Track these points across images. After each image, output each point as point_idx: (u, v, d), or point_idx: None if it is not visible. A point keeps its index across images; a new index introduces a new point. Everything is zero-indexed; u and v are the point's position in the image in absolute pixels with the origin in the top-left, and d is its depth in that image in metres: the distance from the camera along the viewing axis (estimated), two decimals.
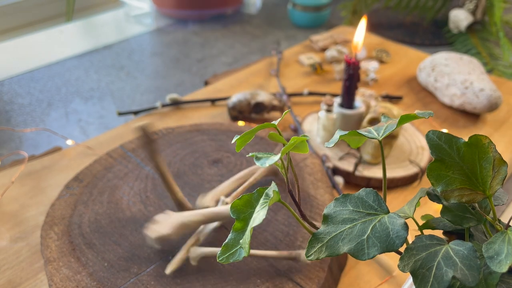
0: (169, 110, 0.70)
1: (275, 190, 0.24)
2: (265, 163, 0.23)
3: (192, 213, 0.41)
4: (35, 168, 0.57)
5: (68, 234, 0.43)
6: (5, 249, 0.46)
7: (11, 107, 0.76)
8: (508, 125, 0.69)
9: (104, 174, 0.51)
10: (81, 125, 0.72)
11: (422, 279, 0.21)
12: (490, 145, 0.23)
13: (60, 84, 0.84)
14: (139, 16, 1.17)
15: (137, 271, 0.40)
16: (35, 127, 0.71)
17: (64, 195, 0.48)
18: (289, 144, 0.24)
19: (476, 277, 0.20)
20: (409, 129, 0.64)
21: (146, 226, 0.41)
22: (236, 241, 0.24)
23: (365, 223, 0.23)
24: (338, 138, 0.27)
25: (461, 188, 0.23)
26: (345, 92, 0.59)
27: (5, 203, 0.52)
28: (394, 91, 0.77)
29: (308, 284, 0.39)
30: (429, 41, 1.05)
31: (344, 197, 0.25)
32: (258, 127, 0.26)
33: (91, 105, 0.78)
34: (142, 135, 0.39)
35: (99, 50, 0.98)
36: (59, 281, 0.38)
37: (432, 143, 0.24)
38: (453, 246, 0.22)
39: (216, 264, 0.41)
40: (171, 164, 0.53)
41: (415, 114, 0.26)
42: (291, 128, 0.65)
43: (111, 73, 0.89)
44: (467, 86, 0.69)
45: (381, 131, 0.27)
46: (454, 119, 0.70)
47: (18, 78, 0.86)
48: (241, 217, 0.25)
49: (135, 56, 0.97)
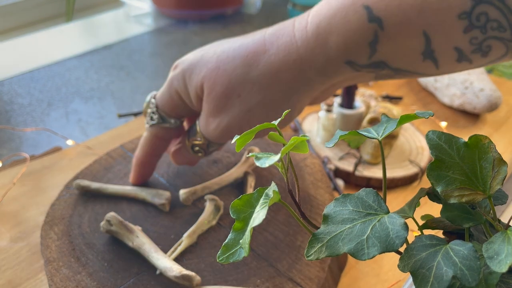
0: None
1: (275, 190, 0.24)
2: (265, 163, 0.23)
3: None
4: (35, 168, 0.57)
5: (68, 234, 0.43)
6: (5, 249, 0.46)
7: (11, 107, 0.76)
8: (508, 125, 0.69)
9: (104, 174, 0.51)
10: (81, 125, 0.72)
11: (422, 279, 0.21)
12: (490, 145, 0.23)
13: (60, 84, 0.84)
14: (139, 16, 1.17)
15: (137, 271, 0.40)
16: (35, 127, 0.71)
17: (64, 195, 0.48)
18: (289, 144, 0.24)
19: (476, 277, 0.20)
20: (409, 129, 0.64)
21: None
22: (236, 241, 0.24)
23: (365, 223, 0.23)
24: (338, 138, 0.27)
25: (461, 188, 0.23)
26: (345, 92, 0.59)
27: (5, 203, 0.52)
28: (394, 91, 0.77)
29: (308, 284, 0.39)
30: None
31: (344, 197, 0.25)
32: (258, 127, 0.26)
33: (91, 105, 0.78)
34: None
35: (99, 50, 0.98)
36: (59, 281, 0.38)
37: (432, 143, 0.24)
38: (453, 246, 0.22)
39: (216, 264, 0.41)
40: (171, 164, 0.53)
41: (415, 114, 0.26)
42: (291, 128, 0.65)
43: (111, 73, 0.89)
44: (467, 86, 0.69)
45: (381, 131, 0.27)
46: (454, 119, 0.70)
47: (18, 78, 0.86)
48: (241, 217, 0.25)
49: (135, 56, 0.97)
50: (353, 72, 0.34)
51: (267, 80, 0.36)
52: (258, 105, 0.37)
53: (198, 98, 0.40)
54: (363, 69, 0.34)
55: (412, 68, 0.33)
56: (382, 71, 0.34)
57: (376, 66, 0.33)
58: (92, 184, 0.48)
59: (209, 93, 0.38)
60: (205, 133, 0.41)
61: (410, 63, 0.32)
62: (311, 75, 0.35)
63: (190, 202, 0.47)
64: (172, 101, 0.42)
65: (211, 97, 0.38)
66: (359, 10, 0.31)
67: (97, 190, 0.48)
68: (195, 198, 0.47)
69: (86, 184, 0.48)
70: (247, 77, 0.36)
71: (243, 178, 0.50)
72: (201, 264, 0.41)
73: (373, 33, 0.31)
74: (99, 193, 0.48)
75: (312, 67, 0.35)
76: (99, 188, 0.48)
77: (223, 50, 0.38)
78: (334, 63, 0.34)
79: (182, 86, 0.40)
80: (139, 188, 0.47)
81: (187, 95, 0.40)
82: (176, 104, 0.42)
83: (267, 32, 0.37)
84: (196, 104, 0.41)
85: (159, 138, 0.44)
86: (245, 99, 0.37)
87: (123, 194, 0.47)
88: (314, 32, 0.34)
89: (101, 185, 0.48)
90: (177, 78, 0.40)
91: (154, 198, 0.46)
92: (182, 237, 0.43)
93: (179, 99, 0.41)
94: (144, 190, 0.47)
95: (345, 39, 0.32)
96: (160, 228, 0.44)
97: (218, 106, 0.38)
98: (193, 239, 0.43)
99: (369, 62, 0.33)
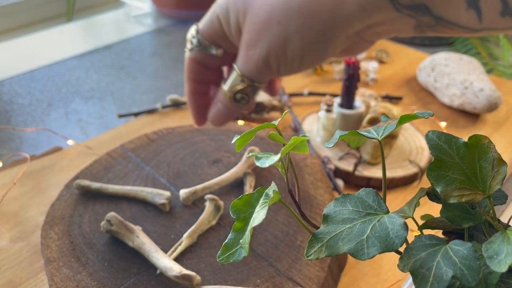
0: (169, 111, 0.70)
1: (275, 190, 0.24)
2: (265, 163, 0.23)
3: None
4: (35, 168, 0.57)
5: (68, 234, 0.43)
6: (5, 249, 0.46)
7: (11, 107, 0.76)
8: (507, 125, 0.69)
9: (104, 174, 0.51)
10: (81, 125, 0.72)
11: (422, 279, 0.21)
12: (490, 145, 0.23)
13: (60, 84, 0.84)
14: (139, 16, 1.17)
15: (137, 271, 0.40)
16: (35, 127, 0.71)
17: (64, 195, 0.48)
18: (289, 144, 0.24)
19: (475, 277, 0.20)
20: (409, 129, 0.64)
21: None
22: (236, 241, 0.24)
23: (365, 223, 0.23)
24: (338, 138, 0.27)
25: (460, 188, 0.24)
26: (345, 92, 0.59)
27: (5, 203, 0.52)
28: (394, 91, 0.77)
29: (308, 284, 0.39)
30: (429, 41, 1.05)
31: (344, 197, 0.25)
32: (258, 127, 0.26)
33: (91, 105, 0.78)
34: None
35: (99, 50, 0.98)
36: (59, 281, 0.38)
37: (432, 143, 0.24)
38: (452, 246, 0.22)
39: (216, 264, 0.41)
40: (171, 164, 0.53)
41: (414, 114, 0.26)
42: (291, 128, 0.65)
43: (111, 73, 0.89)
44: (467, 86, 0.69)
45: (380, 131, 0.27)
46: (454, 119, 0.70)
47: (18, 78, 0.86)
48: (241, 217, 0.25)
49: (135, 56, 0.97)
50: (393, 12, 0.34)
51: (307, 7, 0.36)
52: (296, 33, 0.37)
53: (238, 27, 0.40)
54: (404, 10, 0.33)
55: (453, 18, 0.32)
56: (422, 17, 0.33)
57: (418, 10, 0.33)
58: (92, 184, 0.48)
59: (251, 21, 0.38)
60: (245, 70, 0.40)
61: (453, 11, 0.32)
62: (351, 8, 0.35)
63: (190, 202, 0.47)
64: (212, 26, 0.41)
65: (252, 25, 0.38)
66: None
67: (97, 190, 0.48)
68: (195, 198, 0.47)
69: (87, 184, 0.48)
70: (288, 4, 0.36)
71: (243, 178, 0.50)
72: (201, 264, 0.41)
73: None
74: (99, 193, 0.48)
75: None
76: (99, 188, 0.48)
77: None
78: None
79: (224, 12, 0.40)
80: (139, 188, 0.47)
81: (228, 22, 0.40)
82: (215, 30, 0.42)
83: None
84: (234, 33, 0.40)
85: (197, 62, 0.43)
86: (284, 26, 0.37)
87: (123, 194, 0.47)
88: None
89: (101, 185, 0.48)
90: (220, 5, 0.40)
91: (154, 198, 0.46)
92: (182, 237, 0.43)
93: (219, 25, 0.41)
94: (144, 190, 0.47)
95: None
96: (160, 228, 0.44)
97: (259, 34, 0.38)
98: (193, 239, 0.43)
99: (411, 3, 0.33)
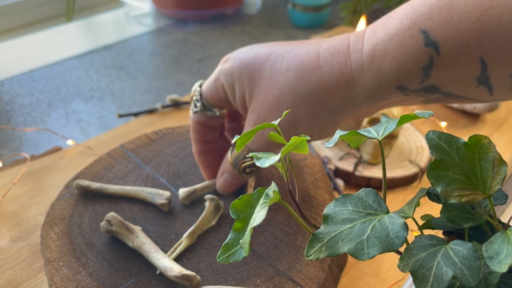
0: (169, 111, 0.70)
1: (275, 190, 0.24)
2: (265, 163, 0.23)
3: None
4: (35, 168, 0.57)
5: (68, 234, 0.43)
6: (5, 249, 0.46)
7: (11, 107, 0.76)
8: (508, 125, 0.69)
9: (104, 174, 0.51)
10: (81, 125, 0.72)
11: (422, 279, 0.21)
12: (490, 145, 0.23)
13: (60, 84, 0.84)
14: (139, 16, 1.17)
15: (137, 271, 0.40)
16: (35, 127, 0.71)
17: (64, 195, 0.48)
18: (289, 144, 0.24)
19: (476, 277, 0.20)
20: (409, 129, 0.64)
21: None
22: (236, 241, 0.24)
23: (365, 223, 0.23)
24: (338, 138, 0.27)
25: (461, 188, 0.24)
26: None
27: (5, 203, 0.52)
28: None
29: (308, 284, 0.39)
30: None
31: (344, 197, 0.25)
32: (258, 127, 0.26)
33: (91, 105, 0.78)
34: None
35: (99, 50, 0.98)
36: (59, 281, 0.38)
37: (432, 143, 0.24)
38: (453, 246, 0.22)
39: (216, 264, 0.41)
40: (171, 164, 0.53)
41: (414, 114, 0.26)
42: None
43: (111, 73, 0.89)
44: None
45: (381, 131, 0.27)
46: (454, 119, 0.70)
47: (18, 78, 0.86)
48: (241, 217, 0.25)
49: (135, 56, 0.97)
50: (402, 96, 0.34)
51: (316, 97, 0.36)
52: (305, 119, 0.37)
53: (243, 100, 0.40)
54: (413, 93, 0.34)
55: (464, 94, 0.32)
56: (432, 95, 0.33)
57: (427, 91, 0.33)
58: (92, 184, 0.48)
59: (259, 102, 0.38)
60: (254, 147, 0.41)
61: (463, 89, 0.32)
62: (360, 98, 0.35)
63: (188, 201, 0.47)
64: (216, 93, 0.42)
65: (260, 106, 0.38)
66: (415, 35, 0.31)
67: (97, 190, 0.48)
68: (194, 198, 0.47)
69: (86, 184, 0.48)
70: (297, 91, 0.37)
71: None
72: (201, 264, 0.41)
73: (429, 58, 0.31)
74: (99, 193, 0.48)
75: (364, 91, 0.35)
76: (99, 188, 0.48)
77: (276, 59, 0.38)
78: (385, 88, 0.34)
79: (229, 83, 0.40)
80: (139, 188, 0.47)
81: (233, 93, 0.41)
82: (219, 97, 0.42)
83: (322, 45, 0.37)
84: (239, 104, 0.41)
85: (202, 124, 0.45)
86: (293, 112, 0.37)
87: (123, 194, 0.47)
88: (370, 55, 0.33)
89: (101, 185, 0.48)
90: (225, 73, 0.40)
91: (154, 198, 0.46)
92: (182, 237, 0.43)
93: (223, 93, 0.42)
94: (144, 190, 0.47)
95: (399, 63, 0.32)
96: (160, 228, 0.44)
97: (267, 116, 0.38)
98: (193, 239, 0.43)
99: (421, 87, 0.33)
